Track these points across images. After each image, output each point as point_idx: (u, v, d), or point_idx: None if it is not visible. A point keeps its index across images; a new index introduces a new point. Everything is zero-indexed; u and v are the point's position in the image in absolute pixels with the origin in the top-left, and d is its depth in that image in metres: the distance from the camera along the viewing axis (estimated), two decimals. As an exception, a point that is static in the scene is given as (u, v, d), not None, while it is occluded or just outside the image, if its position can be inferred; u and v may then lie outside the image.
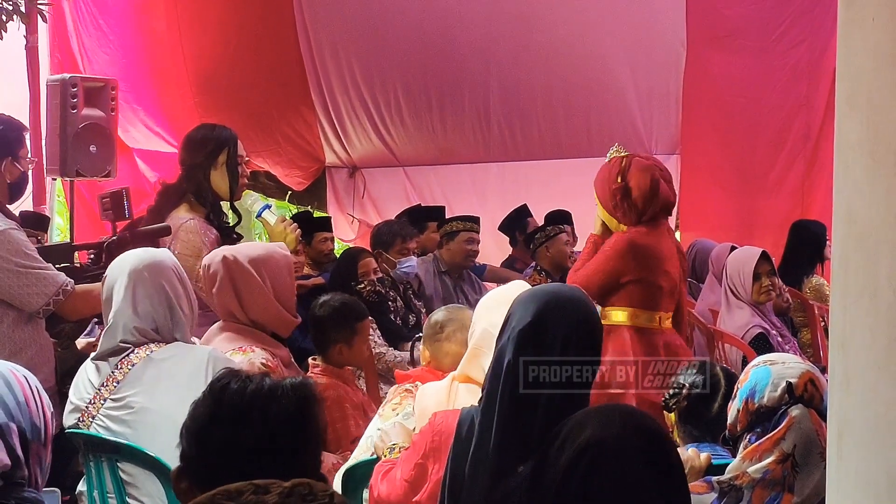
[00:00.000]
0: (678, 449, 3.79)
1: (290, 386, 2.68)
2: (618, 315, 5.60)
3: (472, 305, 8.10)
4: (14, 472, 2.67)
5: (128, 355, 4.27)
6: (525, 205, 9.84)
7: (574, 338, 3.20)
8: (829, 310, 7.25)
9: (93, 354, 4.40)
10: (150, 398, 4.17)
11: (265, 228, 6.01)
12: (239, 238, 5.92)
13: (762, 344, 6.83)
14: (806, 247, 8.71)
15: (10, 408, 2.68)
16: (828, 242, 8.65)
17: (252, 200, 5.89)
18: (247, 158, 5.97)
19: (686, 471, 3.64)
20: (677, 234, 10.67)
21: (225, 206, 5.99)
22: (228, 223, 5.91)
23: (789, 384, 3.36)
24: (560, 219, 9.13)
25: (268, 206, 5.81)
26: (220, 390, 2.64)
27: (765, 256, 7.32)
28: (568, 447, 2.47)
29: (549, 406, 3.09)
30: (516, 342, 3.20)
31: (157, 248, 6.30)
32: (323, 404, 2.87)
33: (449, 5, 10.37)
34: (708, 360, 4.95)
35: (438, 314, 5.14)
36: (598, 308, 5.53)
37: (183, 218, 5.68)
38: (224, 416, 2.59)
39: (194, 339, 4.64)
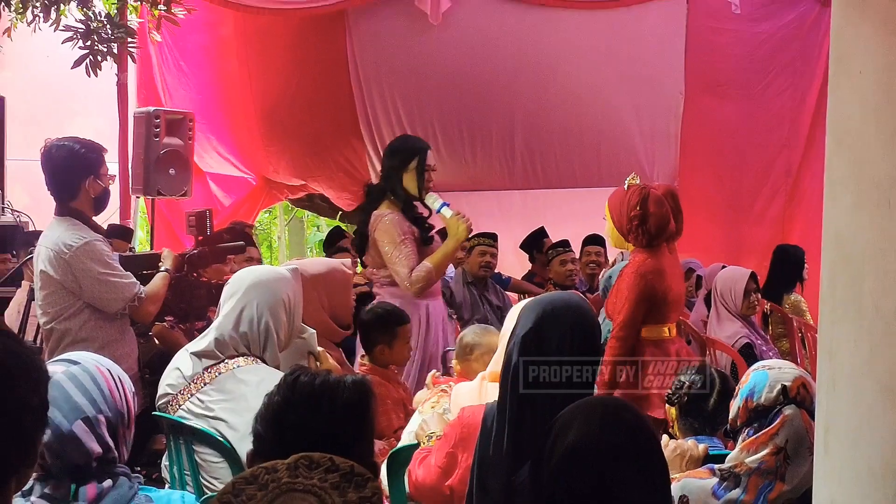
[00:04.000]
0: (679, 440, 3.79)
1: (350, 381, 2.72)
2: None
3: (493, 310, 8.21)
4: (106, 454, 2.70)
5: (217, 364, 4.22)
6: (542, 227, 9.85)
7: (570, 341, 3.20)
8: (805, 323, 7.25)
9: (189, 348, 4.37)
10: (225, 411, 4.13)
11: (443, 220, 6.08)
12: (430, 228, 6.10)
13: (748, 352, 6.81)
14: (787, 268, 8.68)
15: (97, 401, 2.70)
16: (805, 265, 8.65)
17: (433, 199, 6.01)
18: (434, 167, 6.12)
19: (686, 459, 3.64)
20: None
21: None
22: (423, 216, 6.06)
23: (784, 387, 3.35)
24: (566, 242, 9.24)
25: (446, 204, 5.96)
26: (292, 382, 2.67)
27: (752, 276, 7.32)
28: (557, 448, 2.42)
29: (553, 404, 3.05)
30: (519, 347, 3.22)
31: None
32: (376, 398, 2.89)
33: (480, 55, 10.41)
34: (705, 362, 4.95)
35: (469, 336, 5.05)
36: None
37: (383, 213, 5.92)
38: (296, 402, 2.62)
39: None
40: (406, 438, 4.35)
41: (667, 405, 4.20)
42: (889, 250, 1.91)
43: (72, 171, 5.22)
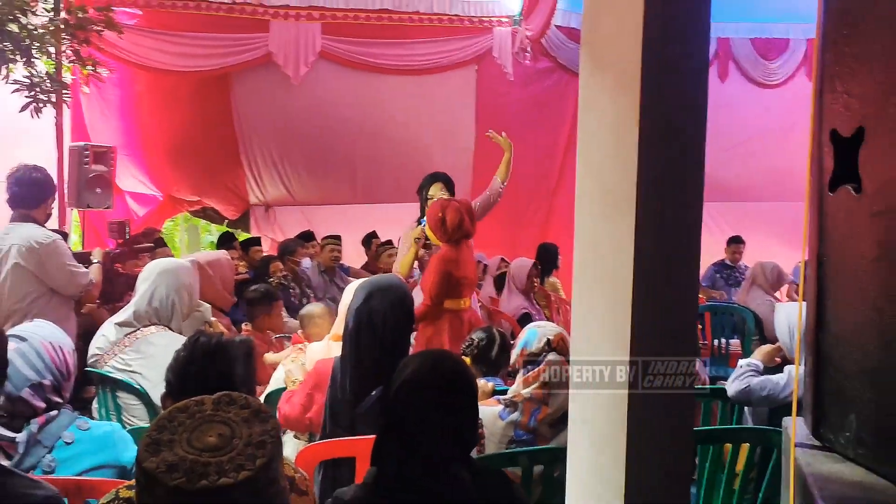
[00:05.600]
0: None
1: (238, 340, 2.70)
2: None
3: (339, 291, 8.21)
4: (51, 402, 2.74)
5: (135, 331, 4.19)
6: (374, 230, 9.88)
7: (392, 312, 3.23)
8: (559, 297, 7.37)
9: (113, 319, 4.31)
10: (141, 366, 4.11)
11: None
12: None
13: (527, 319, 6.93)
14: (547, 258, 8.86)
15: (39, 369, 2.71)
16: (559, 256, 8.85)
17: (421, 215, 6.10)
18: (440, 195, 6.16)
19: (479, 394, 3.69)
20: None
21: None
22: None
23: (548, 339, 3.42)
24: (390, 241, 9.18)
25: (421, 220, 6.04)
26: (195, 341, 2.64)
27: (534, 265, 7.53)
28: (396, 380, 2.41)
29: (379, 358, 3.14)
30: (354, 317, 3.25)
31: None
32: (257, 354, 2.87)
33: (331, 107, 10.37)
34: (490, 325, 5.01)
35: (302, 311, 5.29)
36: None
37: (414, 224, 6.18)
38: (197, 357, 2.58)
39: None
40: (273, 384, 4.35)
41: (462, 356, 4.26)
42: (622, 243, 1.94)
43: (44, 188, 5.14)
